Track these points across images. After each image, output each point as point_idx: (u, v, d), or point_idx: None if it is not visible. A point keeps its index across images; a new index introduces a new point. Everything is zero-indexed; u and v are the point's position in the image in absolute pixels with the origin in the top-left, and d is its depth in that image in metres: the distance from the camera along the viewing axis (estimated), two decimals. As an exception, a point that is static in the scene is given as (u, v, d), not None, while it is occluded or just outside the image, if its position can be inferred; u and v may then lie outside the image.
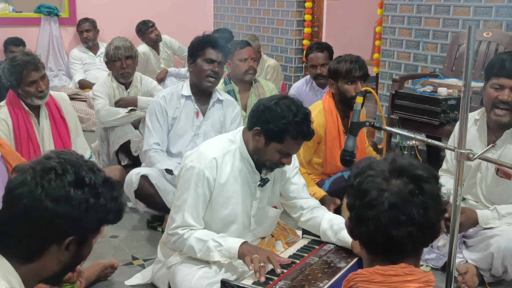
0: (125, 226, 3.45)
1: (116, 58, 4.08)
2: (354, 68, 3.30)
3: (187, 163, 2.42)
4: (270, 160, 2.38)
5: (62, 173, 1.36)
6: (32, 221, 1.33)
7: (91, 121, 5.65)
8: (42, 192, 1.33)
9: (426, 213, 1.34)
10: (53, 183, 1.34)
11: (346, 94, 3.34)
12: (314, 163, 3.54)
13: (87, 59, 6.73)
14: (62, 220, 1.34)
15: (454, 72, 4.23)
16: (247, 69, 3.98)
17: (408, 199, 1.34)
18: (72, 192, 1.35)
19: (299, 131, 2.29)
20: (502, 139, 2.79)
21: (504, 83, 2.69)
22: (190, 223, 2.39)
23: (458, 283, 2.70)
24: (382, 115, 2.61)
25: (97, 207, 1.38)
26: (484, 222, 2.73)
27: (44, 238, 1.36)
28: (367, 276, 1.35)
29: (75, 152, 1.47)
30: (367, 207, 1.37)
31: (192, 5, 7.50)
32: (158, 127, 3.33)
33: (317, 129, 3.40)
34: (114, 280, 2.76)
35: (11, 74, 3.18)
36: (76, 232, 1.37)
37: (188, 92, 3.34)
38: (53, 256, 1.38)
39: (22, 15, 6.69)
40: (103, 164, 4.17)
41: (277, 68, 5.57)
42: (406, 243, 1.35)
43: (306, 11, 6.24)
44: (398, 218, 1.33)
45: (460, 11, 4.45)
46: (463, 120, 1.83)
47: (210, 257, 2.35)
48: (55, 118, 3.38)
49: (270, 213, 2.60)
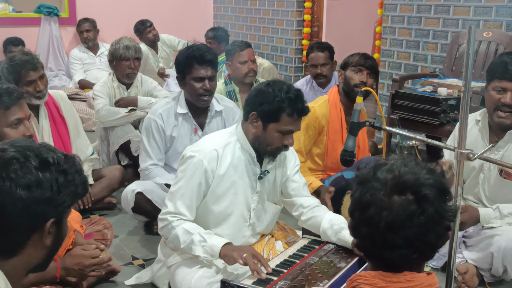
0: (125, 226, 3.46)
1: (125, 57, 4.08)
2: (364, 58, 3.39)
3: (187, 152, 2.43)
4: (272, 144, 2.38)
5: (24, 160, 1.34)
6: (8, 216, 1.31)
7: (91, 121, 5.65)
8: (11, 184, 1.31)
9: (425, 237, 1.28)
10: (19, 172, 1.32)
11: (350, 82, 3.39)
12: (315, 155, 3.54)
13: (87, 59, 6.73)
14: (38, 205, 1.33)
15: (454, 72, 4.23)
16: (247, 72, 3.98)
17: (407, 221, 1.27)
18: (41, 175, 1.33)
19: (293, 106, 2.32)
20: (504, 139, 2.79)
21: (507, 86, 2.68)
22: (181, 211, 2.39)
23: (458, 283, 2.70)
24: (382, 115, 2.61)
25: (67, 184, 1.38)
26: (486, 221, 2.73)
27: (24, 228, 1.34)
28: (369, 280, 1.34)
29: (25, 138, 1.44)
30: (364, 223, 1.32)
31: (192, 5, 7.51)
32: (156, 147, 3.22)
33: (319, 119, 3.42)
34: (114, 280, 2.76)
35: (10, 74, 3.17)
36: (54, 213, 1.37)
37: (184, 109, 3.19)
38: (36, 244, 1.38)
39: (22, 15, 6.69)
40: (103, 164, 4.17)
41: (272, 70, 5.54)
42: (401, 263, 1.32)
43: (305, 11, 6.25)
44: (393, 241, 1.28)
45: (460, 11, 4.45)
46: (463, 120, 1.83)
47: (192, 251, 2.34)
48: (55, 117, 3.38)
49: (270, 208, 2.61)
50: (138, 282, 2.71)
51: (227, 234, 2.47)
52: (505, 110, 2.70)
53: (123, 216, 3.59)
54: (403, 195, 1.28)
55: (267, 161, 2.49)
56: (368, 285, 1.33)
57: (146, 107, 4.09)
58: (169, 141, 3.24)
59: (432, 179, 1.31)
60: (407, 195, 1.28)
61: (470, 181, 2.90)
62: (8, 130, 2.33)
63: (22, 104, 2.40)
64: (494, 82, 2.72)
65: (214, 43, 5.68)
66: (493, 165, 2.81)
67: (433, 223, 1.28)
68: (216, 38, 5.70)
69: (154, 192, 3.16)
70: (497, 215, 2.73)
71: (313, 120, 3.42)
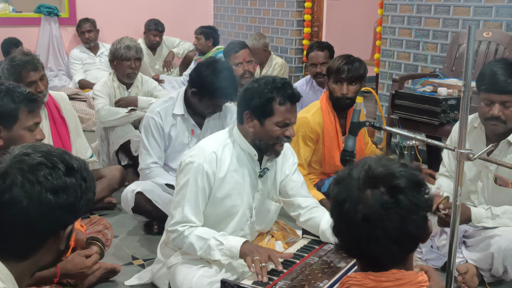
0: (125, 226, 3.46)
1: (126, 57, 4.09)
2: (342, 69, 3.29)
3: (186, 158, 2.42)
4: (273, 138, 2.37)
5: (52, 165, 1.35)
6: (31, 220, 1.33)
7: (91, 121, 5.65)
8: (42, 189, 1.32)
9: (403, 226, 1.29)
10: (49, 177, 1.33)
11: (333, 93, 3.37)
12: (313, 162, 3.53)
13: (87, 59, 6.73)
14: (62, 211, 1.35)
15: (454, 72, 4.23)
16: (242, 73, 3.99)
17: (382, 212, 1.28)
18: (68, 181, 1.36)
19: (283, 94, 2.32)
20: (499, 148, 2.76)
21: (494, 99, 2.64)
22: (190, 218, 2.38)
23: (458, 283, 2.70)
24: (382, 115, 2.61)
25: (87, 190, 1.41)
26: (477, 220, 2.72)
27: (43, 233, 1.36)
28: (359, 281, 1.35)
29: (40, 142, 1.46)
30: (342, 219, 1.34)
31: (192, 5, 7.50)
32: (155, 145, 3.24)
33: (315, 128, 3.41)
34: (114, 280, 2.76)
35: (10, 74, 3.17)
36: (72, 219, 1.39)
37: (181, 111, 3.21)
38: (49, 248, 1.39)
39: (22, 15, 6.69)
40: (103, 164, 4.17)
41: (284, 66, 5.60)
42: (384, 257, 1.33)
43: (305, 11, 6.24)
44: (371, 233, 1.29)
45: (460, 11, 4.45)
46: (462, 120, 1.82)
47: (211, 256, 2.33)
48: (55, 118, 3.37)
49: (270, 206, 2.60)
50: (138, 282, 2.70)
51: (228, 234, 2.47)
52: (494, 122, 2.68)
53: (123, 216, 3.59)
54: (376, 188, 1.31)
55: (266, 159, 2.49)
56: (358, 286, 1.34)
57: (146, 107, 4.08)
58: (167, 139, 3.25)
59: (404, 171, 1.33)
60: (380, 188, 1.30)
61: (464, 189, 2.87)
62: (24, 132, 2.41)
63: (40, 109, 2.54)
64: (482, 94, 2.69)
65: (201, 38, 5.98)
66: (490, 173, 2.81)
67: (408, 212, 1.29)
68: (204, 33, 5.97)
69: (154, 192, 3.16)
70: (489, 215, 2.72)
71: (308, 130, 3.40)
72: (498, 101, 2.64)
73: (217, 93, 3.04)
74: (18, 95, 2.40)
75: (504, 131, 2.72)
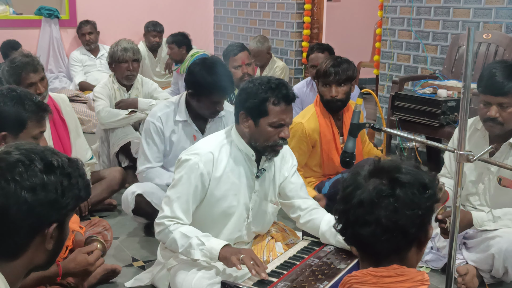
0: (125, 227, 3.46)
1: (123, 60, 4.09)
2: (329, 72, 3.28)
3: (183, 156, 2.43)
4: (268, 139, 2.37)
5: (29, 162, 1.34)
6: (12, 218, 1.32)
7: (92, 122, 5.65)
8: (16, 187, 1.31)
9: (394, 217, 1.33)
10: (24, 175, 1.32)
11: (323, 96, 3.37)
12: (313, 166, 3.53)
13: (87, 61, 6.74)
14: (43, 208, 1.34)
15: (454, 74, 4.24)
16: (241, 76, 3.99)
17: (376, 199, 1.35)
18: (46, 178, 1.34)
19: (278, 95, 2.31)
20: (500, 151, 2.77)
21: (490, 100, 2.66)
22: (178, 215, 2.38)
23: (458, 285, 2.69)
24: (382, 116, 2.62)
25: (71, 187, 1.39)
26: (479, 224, 2.73)
27: (27, 231, 1.35)
28: (360, 278, 1.37)
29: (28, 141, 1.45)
30: (342, 201, 1.42)
31: (192, 7, 7.51)
32: (155, 150, 3.21)
33: (311, 134, 3.39)
34: (114, 282, 2.76)
35: (10, 76, 3.18)
36: (57, 217, 1.37)
37: (183, 117, 3.17)
38: (38, 247, 1.38)
39: (22, 17, 6.70)
40: (104, 165, 4.17)
41: (285, 69, 5.61)
42: (374, 243, 1.36)
43: (305, 13, 6.25)
44: (364, 217, 1.36)
45: (460, 13, 4.46)
46: (462, 122, 1.83)
47: (190, 254, 2.33)
48: (55, 119, 3.37)
49: (268, 208, 2.60)
50: (138, 284, 2.71)
51: (225, 234, 2.47)
52: (491, 123, 2.70)
53: (123, 218, 3.60)
54: (380, 178, 1.38)
55: (264, 159, 2.49)
56: (360, 283, 1.36)
57: (147, 109, 4.09)
58: (168, 145, 3.24)
59: (413, 171, 1.39)
60: (383, 179, 1.37)
61: (465, 191, 2.87)
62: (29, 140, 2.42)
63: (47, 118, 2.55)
64: (480, 95, 2.71)
65: (174, 47, 5.70)
66: (492, 175, 2.81)
67: (402, 206, 1.34)
68: (176, 42, 5.70)
69: (155, 194, 3.16)
70: (490, 218, 2.73)
71: (304, 136, 3.38)
72: (495, 103, 2.65)
73: (212, 87, 2.99)
74: (30, 103, 2.41)
75: (501, 132, 2.72)
